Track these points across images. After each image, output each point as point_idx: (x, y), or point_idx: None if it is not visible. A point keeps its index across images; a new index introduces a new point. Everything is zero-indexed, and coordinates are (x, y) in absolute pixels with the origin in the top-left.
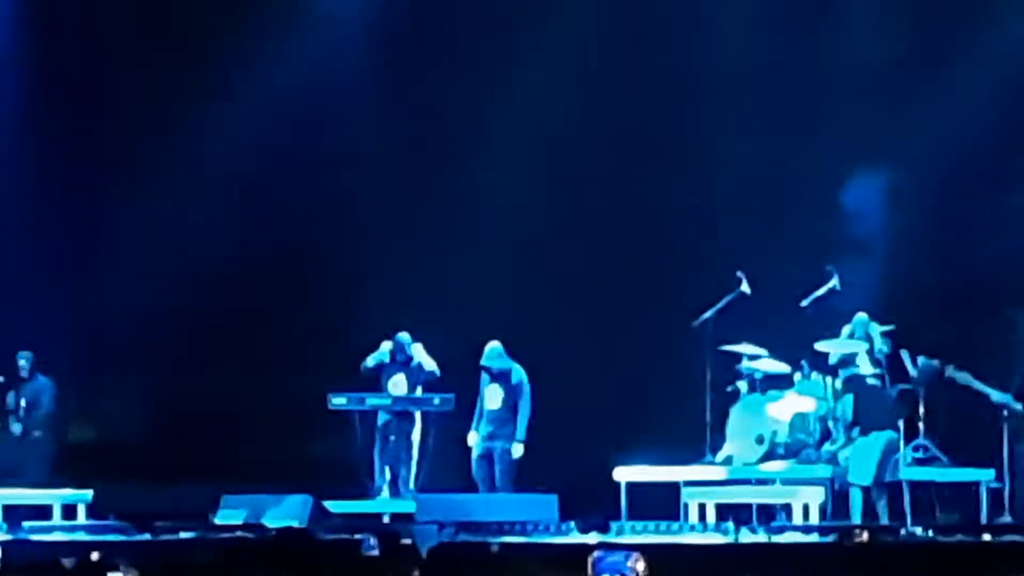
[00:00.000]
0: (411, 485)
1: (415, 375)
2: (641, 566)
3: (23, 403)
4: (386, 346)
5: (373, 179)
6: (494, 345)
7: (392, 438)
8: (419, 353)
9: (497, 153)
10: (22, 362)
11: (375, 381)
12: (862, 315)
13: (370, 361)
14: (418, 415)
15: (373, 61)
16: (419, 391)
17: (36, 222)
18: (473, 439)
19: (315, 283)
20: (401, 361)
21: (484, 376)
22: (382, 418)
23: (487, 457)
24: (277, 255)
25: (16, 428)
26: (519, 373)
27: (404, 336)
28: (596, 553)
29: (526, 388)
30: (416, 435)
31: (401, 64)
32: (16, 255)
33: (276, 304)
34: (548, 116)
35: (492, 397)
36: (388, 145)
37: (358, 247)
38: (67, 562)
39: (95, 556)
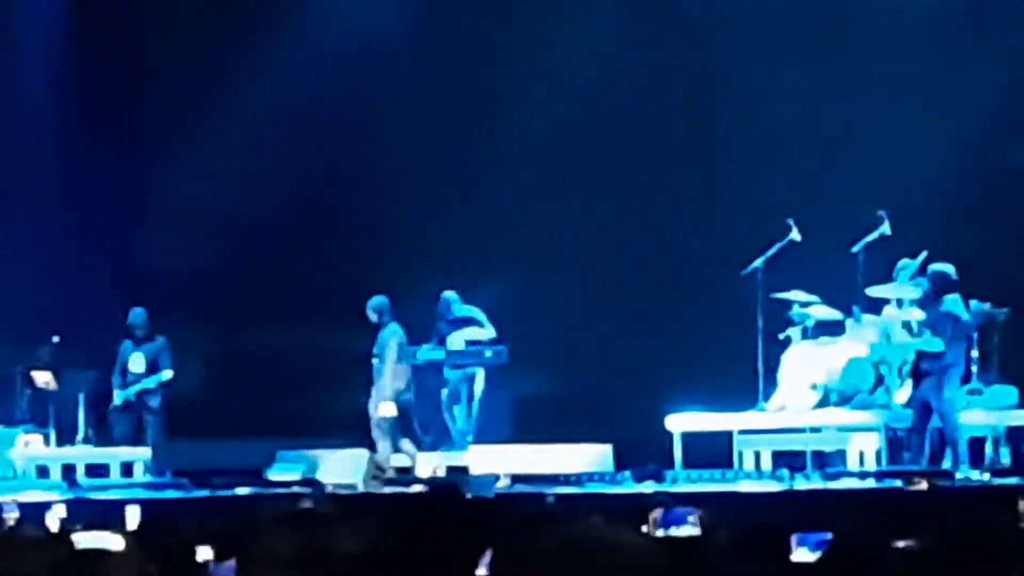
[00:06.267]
0: (469, 438)
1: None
2: (701, 518)
3: (145, 364)
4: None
5: (412, 133)
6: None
7: (457, 392)
8: (473, 312)
9: (538, 98)
10: (139, 320)
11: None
12: (906, 260)
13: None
14: (481, 371)
15: (414, 9)
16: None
17: (77, 182)
18: None
19: (360, 238)
20: (450, 320)
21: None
22: (446, 374)
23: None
24: (324, 211)
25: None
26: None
27: (449, 294)
28: (658, 509)
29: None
30: (478, 388)
31: (442, 10)
32: (60, 216)
33: (326, 259)
34: (589, 59)
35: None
36: (426, 95)
37: (400, 203)
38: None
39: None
